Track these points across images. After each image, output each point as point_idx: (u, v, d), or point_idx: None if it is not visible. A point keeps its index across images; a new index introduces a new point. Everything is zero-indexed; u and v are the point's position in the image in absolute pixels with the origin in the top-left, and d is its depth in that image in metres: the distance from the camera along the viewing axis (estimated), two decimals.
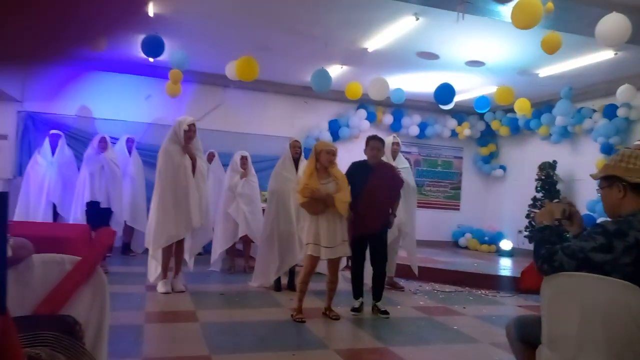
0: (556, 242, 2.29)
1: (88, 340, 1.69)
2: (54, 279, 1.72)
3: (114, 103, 8.47)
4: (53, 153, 6.87)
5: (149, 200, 7.20)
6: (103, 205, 6.50)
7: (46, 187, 6.71)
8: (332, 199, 4.38)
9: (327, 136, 9.46)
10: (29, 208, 6.63)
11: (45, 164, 6.80)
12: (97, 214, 6.41)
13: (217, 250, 6.49)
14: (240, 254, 6.91)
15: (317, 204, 4.40)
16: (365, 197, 4.68)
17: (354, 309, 4.83)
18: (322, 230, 4.41)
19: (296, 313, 4.50)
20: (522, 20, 3.88)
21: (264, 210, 6.43)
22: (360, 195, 4.66)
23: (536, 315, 2.59)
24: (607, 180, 2.32)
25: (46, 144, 6.94)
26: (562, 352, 2.21)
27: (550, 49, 4.54)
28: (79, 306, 1.71)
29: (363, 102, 9.47)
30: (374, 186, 4.75)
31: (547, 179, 8.71)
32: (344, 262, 5.86)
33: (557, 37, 4.52)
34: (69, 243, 2.85)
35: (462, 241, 10.42)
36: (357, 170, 4.89)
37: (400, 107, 9.58)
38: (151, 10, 5.69)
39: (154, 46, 5.57)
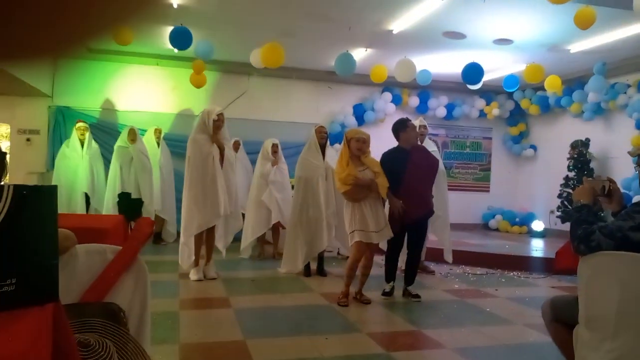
0: (593, 221, 2.24)
1: (132, 326, 1.74)
2: (97, 268, 1.78)
3: (141, 95, 8.61)
4: (82, 145, 7.01)
5: (177, 190, 7.36)
6: (134, 195, 6.64)
7: (80, 180, 6.88)
8: (375, 184, 4.40)
9: (352, 121, 9.42)
10: (63, 200, 6.82)
11: (75, 157, 6.95)
12: (129, 204, 6.56)
13: (249, 238, 6.56)
14: (269, 241, 6.99)
15: (360, 190, 4.43)
16: (406, 184, 4.61)
17: (384, 293, 4.83)
18: (368, 215, 4.45)
19: (342, 296, 4.56)
20: None
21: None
22: (401, 183, 4.61)
23: (572, 295, 2.56)
24: None
25: (74, 136, 7.08)
26: (600, 332, 2.18)
27: (584, 24, 4.39)
28: (122, 294, 1.76)
29: (388, 85, 9.38)
30: (414, 171, 4.67)
31: (580, 158, 8.50)
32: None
33: (591, 12, 4.36)
34: (107, 233, 2.93)
35: (492, 223, 10.29)
36: (393, 158, 4.76)
37: (426, 88, 9.45)
38: (175, 1, 5.73)
39: (182, 38, 5.61)
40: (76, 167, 6.98)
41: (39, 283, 1.14)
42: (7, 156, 1.53)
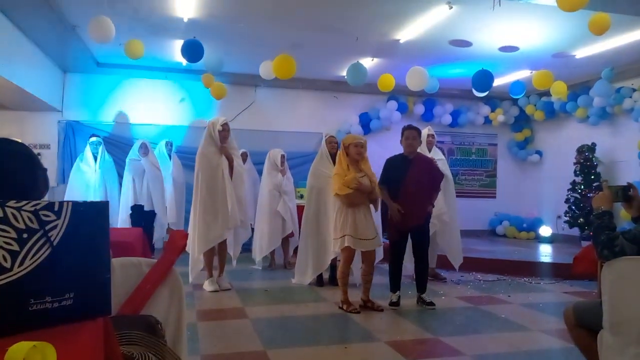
0: (615, 227, 2.27)
1: (168, 338, 1.77)
2: (132, 281, 1.80)
3: (150, 108, 8.69)
4: (95, 159, 7.05)
5: (188, 202, 7.36)
6: (147, 208, 6.67)
7: (92, 193, 6.89)
8: (376, 192, 4.44)
9: (358, 129, 9.48)
10: None
11: (89, 171, 6.97)
12: (141, 216, 6.59)
13: (265, 250, 6.53)
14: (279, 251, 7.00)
15: (360, 195, 4.46)
16: (406, 192, 4.65)
17: (392, 303, 4.79)
18: (360, 222, 4.48)
19: (347, 306, 4.58)
20: (569, 3, 3.78)
21: (298, 207, 6.53)
22: (400, 190, 4.64)
23: (595, 300, 2.58)
24: None
25: (87, 150, 7.12)
26: (625, 336, 2.19)
27: (599, 30, 4.42)
28: (158, 306, 1.79)
29: (393, 94, 9.43)
30: (414, 181, 4.70)
31: (586, 162, 8.52)
32: (380, 255, 5.88)
33: (606, 18, 4.38)
34: (129, 246, 2.96)
35: (499, 229, 10.30)
36: (395, 164, 4.84)
37: (431, 96, 9.49)
38: (185, 15, 5.80)
39: (194, 50, 5.67)
40: (89, 180, 7.00)
41: (94, 297, 1.17)
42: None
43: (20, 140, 1.55)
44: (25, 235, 1.06)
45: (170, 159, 7.56)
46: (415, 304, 4.88)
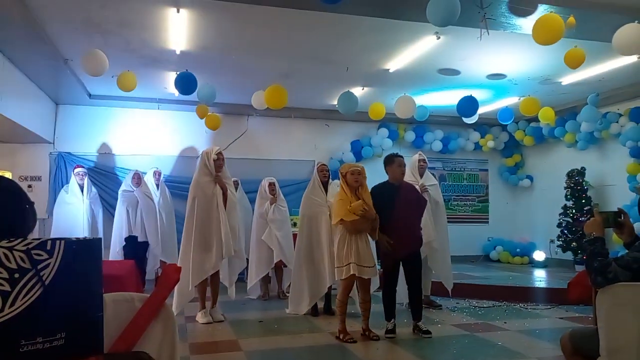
0: (608, 253, 2.28)
1: None
2: (125, 317, 1.77)
3: (142, 138, 8.71)
4: (82, 190, 6.95)
5: (179, 231, 7.29)
6: (140, 239, 6.62)
7: (80, 225, 6.80)
8: (377, 220, 4.45)
9: (350, 157, 9.54)
10: None
11: (76, 202, 6.89)
12: (135, 247, 6.52)
13: (254, 278, 6.52)
14: (271, 280, 6.94)
15: (365, 222, 4.45)
16: (395, 220, 4.63)
17: (387, 331, 4.74)
18: (362, 250, 4.48)
19: (343, 335, 4.53)
20: (544, 37, 3.89)
21: (294, 235, 6.47)
22: (390, 218, 4.62)
23: (591, 327, 2.56)
24: None
25: (73, 182, 7.03)
26: None
27: (574, 64, 4.54)
28: (151, 341, 1.75)
29: (384, 121, 9.52)
30: (403, 208, 4.70)
31: (577, 187, 8.60)
32: (376, 284, 5.85)
33: (580, 52, 4.51)
34: (122, 280, 2.93)
35: (493, 254, 10.29)
36: (382, 192, 4.81)
37: (422, 123, 9.59)
38: (178, 48, 5.87)
39: (187, 83, 5.73)
40: (77, 212, 6.92)
41: (86, 336, 1.16)
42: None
43: (8, 174, 1.55)
44: (16, 275, 1.05)
45: (157, 188, 7.48)
46: (411, 333, 4.83)
